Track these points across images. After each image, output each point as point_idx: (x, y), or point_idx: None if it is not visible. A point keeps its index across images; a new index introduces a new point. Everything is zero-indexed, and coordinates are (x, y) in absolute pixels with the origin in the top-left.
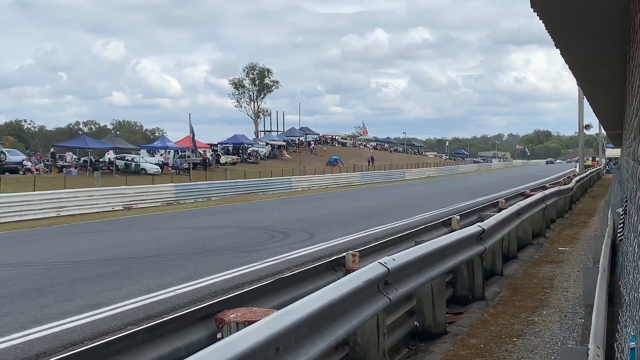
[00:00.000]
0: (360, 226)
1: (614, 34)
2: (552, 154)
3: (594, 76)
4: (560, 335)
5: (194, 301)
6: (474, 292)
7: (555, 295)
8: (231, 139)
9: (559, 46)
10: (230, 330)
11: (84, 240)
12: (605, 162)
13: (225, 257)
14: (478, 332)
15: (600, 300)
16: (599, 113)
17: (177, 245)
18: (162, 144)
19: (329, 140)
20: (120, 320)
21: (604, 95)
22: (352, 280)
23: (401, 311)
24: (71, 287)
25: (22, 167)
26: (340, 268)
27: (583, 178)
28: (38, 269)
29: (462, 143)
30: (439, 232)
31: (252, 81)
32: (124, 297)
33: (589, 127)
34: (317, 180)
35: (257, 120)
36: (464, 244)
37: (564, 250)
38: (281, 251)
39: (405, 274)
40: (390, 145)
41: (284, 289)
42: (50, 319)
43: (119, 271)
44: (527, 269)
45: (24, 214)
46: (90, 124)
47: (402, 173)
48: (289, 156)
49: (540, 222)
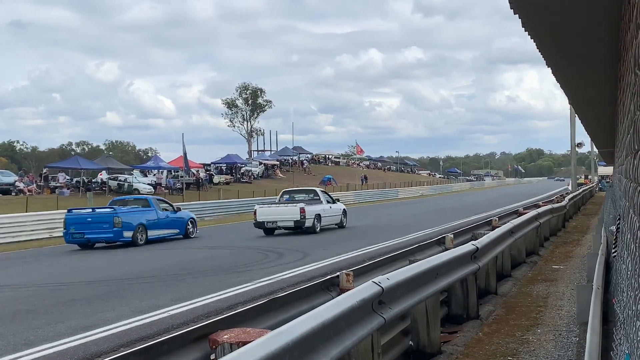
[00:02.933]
0: (354, 245)
1: (605, 53)
2: (544, 172)
3: (585, 95)
4: (555, 354)
5: (187, 322)
6: (468, 311)
7: (549, 314)
8: (224, 158)
9: (550, 65)
10: (224, 352)
11: (76, 262)
12: (598, 179)
13: (219, 278)
14: (473, 351)
15: (595, 318)
16: (590, 131)
17: (170, 266)
18: (155, 164)
19: (322, 159)
20: (113, 342)
21: (595, 114)
22: (346, 299)
23: (396, 330)
24: (63, 308)
25: (14, 188)
26: (334, 287)
27: (576, 196)
28: (30, 290)
29: (455, 161)
30: (432, 250)
31: (245, 101)
32: (116, 318)
33: (581, 145)
34: None
35: (250, 139)
36: (458, 262)
37: (557, 269)
38: (275, 271)
39: (400, 293)
40: (383, 164)
41: (278, 309)
42: (42, 341)
43: (111, 292)
44: (521, 287)
45: (16, 235)
46: (82, 144)
47: (395, 192)
48: (283, 175)
49: (534, 240)
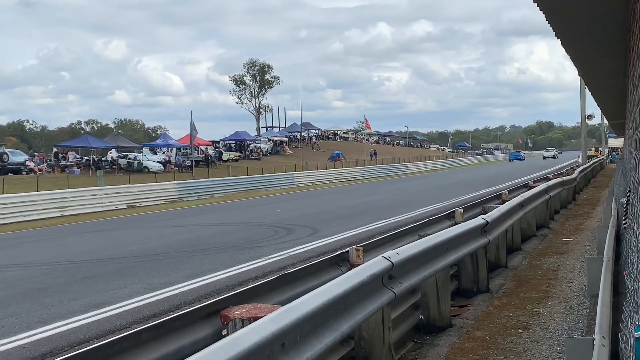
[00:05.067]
0: (364, 221)
1: (614, 24)
2: (554, 145)
3: (595, 66)
4: (566, 326)
5: (199, 298)
6: (478, 285)
7: (560, 286)
8: (233, 135)
9: (560, 37)
10: (236, 327)
11: (88, 240)
12: (608, 152)
13: (230, 254)
14: (483, 325)
15: (605, 290)
16: (600, 103)
17: (181, 243)
18: (164, 141)
19: (330, 135)
20: (126, 319)
21: (605, 85)
22: (357, 274)
23: (406, 305)
24: (76, 286)
25: (24, 167)
26: (344, 263)
27: (586, 168)
28: (42, 269)
29: (464, 135)
30: (442, 225)
31: (253, 77)
32: (128, 295)
33: (591, 117)
34: (319, 175)
35: (258, 116)
36: (468, 236)
37: (568, 241)
38: (285, 247)
39: (410, 268)
40: (392, 139)
41: (289, 285)
42: (55, 319)
43: (123, 270)
44: (531, 260)
45: (28, 215)
46: (92, 123)
47: (405, 167)
48: (291, 152)
49: (544, 213)
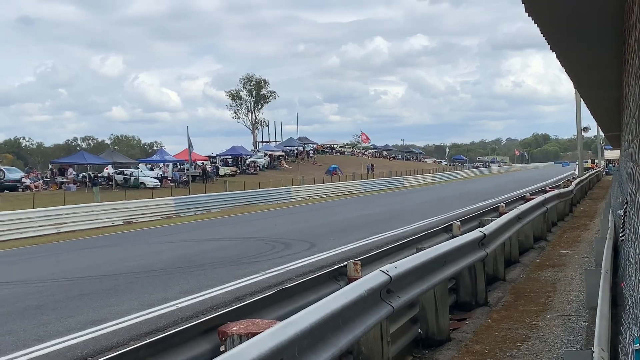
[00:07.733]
0: (361, 234)
1: (609, 36)
2: (551, 157)
3: (590, 79)
4: (565, 339)
5: (196, 314)
6: (477, 298)
7: (558, 299)
8: (230, 150)
9: (555, 50)
10: (233, 343)
11: (85, 256)
12: (605, 163)
13: (227, 269)
14: (482, 338)
15: (604, 302)
16: (596, 115)
17: (178, 259)
18: (161, 157)
19: (327, 149)
20: (123, 336)
21: (600, 98)
22: (355, 289)
23: (404, 319)
24: (73, 303)
25: (21, 184)
26: (342, 277)
27: (583, 180)
28: (39, 286)
29: (460, 148)
30: (440, 238)
31: (249, 92)
32: (126, 312)
33: (587, 130)
34: (316, 189)
35: (255, 131)
36: (466, 249)
37: (565, 254)
38: (283, 262)
39: (408, 282)
40: (389, 152)
41: (287, 300)
42: (52, 336)
43: (120, 286)
44: (529, 273)
45: (24, 232)
46: (88, 139)
47: (402, 180)
48: (288, 166)
49: (542, 225)
